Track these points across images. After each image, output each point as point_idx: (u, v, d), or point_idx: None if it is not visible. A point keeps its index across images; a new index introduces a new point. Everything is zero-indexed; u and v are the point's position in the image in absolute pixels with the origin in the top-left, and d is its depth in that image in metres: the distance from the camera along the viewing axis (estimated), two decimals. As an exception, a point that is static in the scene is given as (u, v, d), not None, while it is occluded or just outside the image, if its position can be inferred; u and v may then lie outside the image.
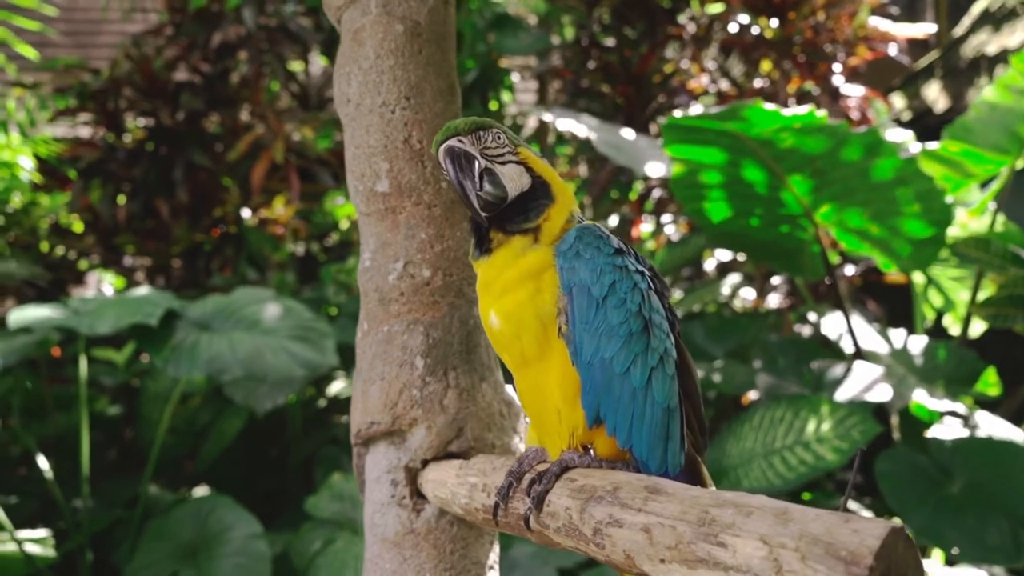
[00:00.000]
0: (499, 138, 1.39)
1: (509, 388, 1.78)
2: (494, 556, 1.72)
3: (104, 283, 7.12)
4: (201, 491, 4.81)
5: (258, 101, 6.26)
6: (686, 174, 4.09)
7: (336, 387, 5.45)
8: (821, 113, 3.65)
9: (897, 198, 4.05)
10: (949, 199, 4.06)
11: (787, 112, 3.64)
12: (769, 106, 3.63)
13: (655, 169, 4.46)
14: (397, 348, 1.67)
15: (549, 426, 1.38)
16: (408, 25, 1.71)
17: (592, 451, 1.34)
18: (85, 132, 6.66)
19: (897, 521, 4.05)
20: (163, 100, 6.14)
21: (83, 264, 6.62)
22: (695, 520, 1.05)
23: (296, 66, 7.11)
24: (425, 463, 1.66)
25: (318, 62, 7.59)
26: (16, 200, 5.91)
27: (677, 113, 4.31)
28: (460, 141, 1.37)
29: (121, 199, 6.30)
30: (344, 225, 6.92)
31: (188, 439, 4.83)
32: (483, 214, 1.35)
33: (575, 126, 4.72)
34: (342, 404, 5.50)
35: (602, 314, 1.32)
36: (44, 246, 6.47)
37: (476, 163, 1.36)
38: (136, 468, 4.91)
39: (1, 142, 5.54)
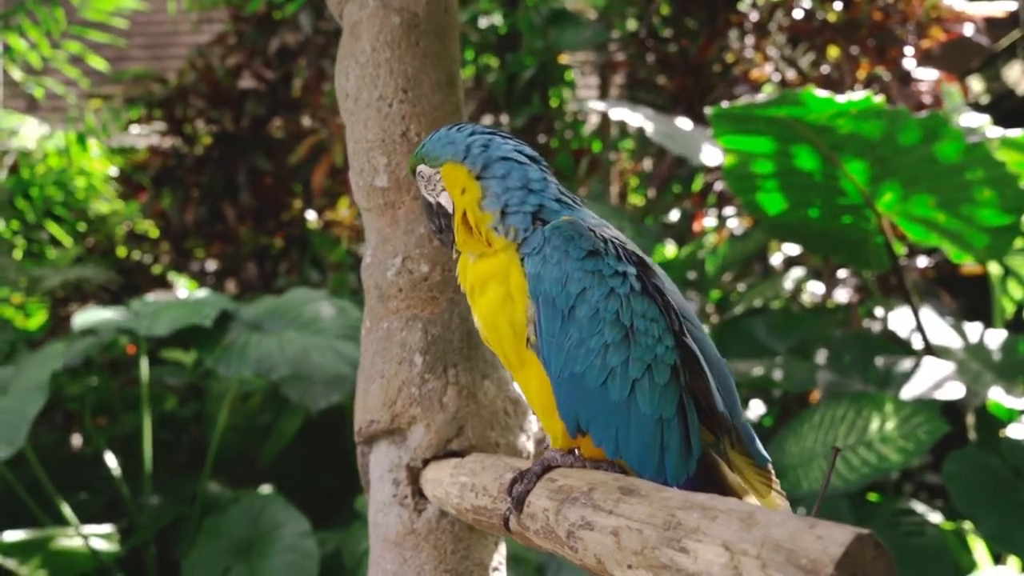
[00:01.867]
0: (423, 175, 1.38)
1: (516, 386, 1.73)
2: (499, 558, 1.67)
3: (179, 286, 7.34)
4: (265, 489, 4.90)
5: (318, 105, 6.35)
6: (738, 164, 3.97)
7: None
8: (879, 98, 3.49)
9: (966, 184, 3.84)
10: None
11: (841, 98, 3.49)
12: (821, 92, 3.49)
13: (711, 156, 4.34)
14: (396, 345, 1.64)
15: (545, 429, 1.33)
16: (405, 17, 1.68)
17: (577, 451, 1.28)
18: (156, 140, 6.86)
19: (967, 524, 3.86)
20: (228, 107, 6.29)
21: (157, 268, 6.83)
22: (661, 524, 0.98)
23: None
24: (426, 462, 1.63)
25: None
26: (103, 205, 6.13)
27: (707, 110, 4.19)
28: (416, 190, 1.44)
29: (190, 205, 6.48)
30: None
31: (249, 437, 4.92)
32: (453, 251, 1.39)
33: (629, 115, 4.63)
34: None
35: (570, 325, 1.22)
36: (121, 251, 6.71)
37: (431, 206, 1.39)
38: (201, 466, 5.03)
39: (81, 152, 5.77)
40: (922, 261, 5.51)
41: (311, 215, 6.52)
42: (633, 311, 1.23)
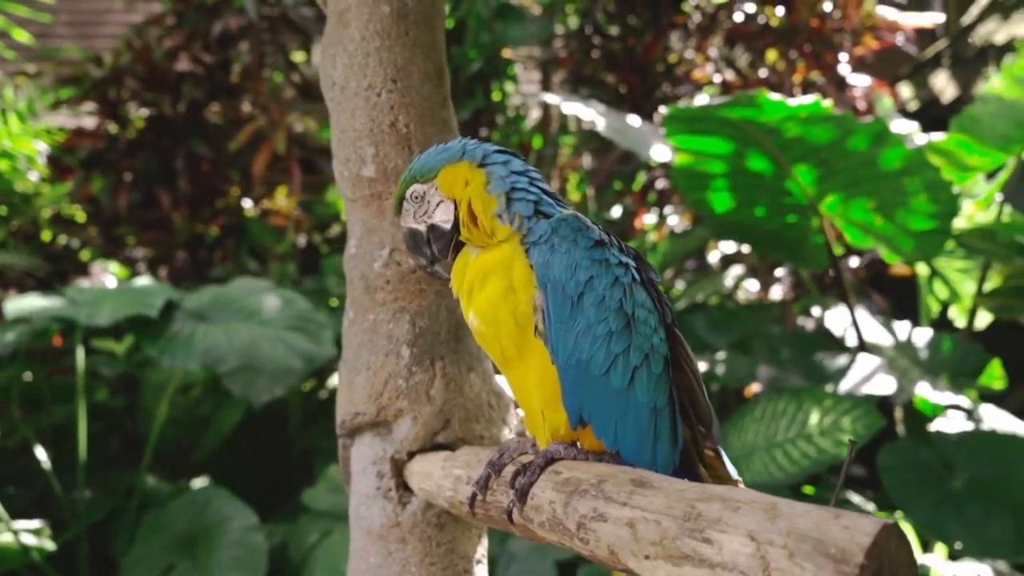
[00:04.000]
0: (415, 194, 1.40)
1: (499, 379, 1.74)
2: (482, 550, 1.68)
3: (106, 273, 7.11)
4: (200, 482, 4.79)
5: (260, 91, 6.22)
6: (689, 164, 4.04)
7: (337, 379, 5.41)
8: (827, 103, 3.59)
9: (903, 188, 3.98)
10: (956, 190, 4.00)
11: (793, 102, 3.59)
12: (774, 96, 3.57)
13: (661, 153, 4.41)
14: (383, 337, 1.63)
15: (536, 424, 1.34)
16: (395, 5, 1.66)
17: (578, 444, 1.30)
18: (87, 122, 6.63)
19: (898, 514, 4.02)
20: (165, 90, 6.11)
21: (85, 254, 6.60)
22: (680, 515, 1.01)
23: (298, 56, 7.07)
24: (411, 455, 1.63)
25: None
26: (29, 183, 5.87)
27: (681, 103, 4.28)
28: (402, 222, 1.43)
29: (122, 190, 6.28)
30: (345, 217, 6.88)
31: (188, 430, 4.81)
32: (446, 277, 1.41)
33: (581, 110, 4.67)
34: (343, 396, 5.46)
35: (578, 313, 1.25)
36: (46, 236, 6.46)
37: (418, 235, 1.42)
38: (136, 459, 4.89)
39: (2, 129, 5.51)
40: (854, 261, 5.70)
41: (248, 203, 6.39)
42: (635, 301, 1.28)
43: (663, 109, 3.79)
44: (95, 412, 5.07)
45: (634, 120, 4.84)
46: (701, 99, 4.79)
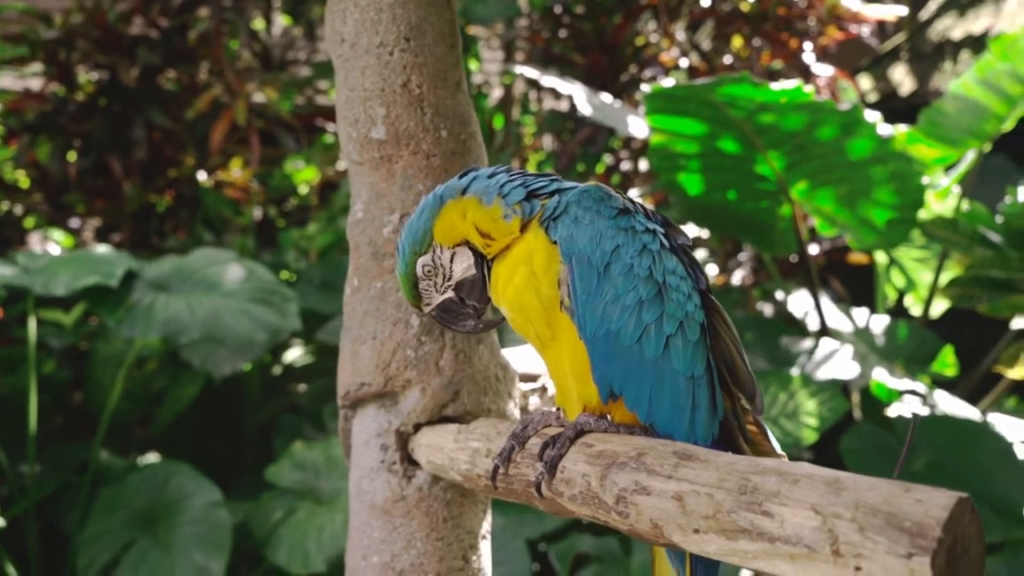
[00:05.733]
0: (426, 266, 1.36)
1: (505, 351, 1.70)
2: (487, 525, 1.64)
3: (50, 242, 6.87)
4: (152, 457, 4.65)
5: (218, 59, 6.03)
6: (665, 144, 4.04)
7: (292, 355, 5.31)
8: (809, 88, 3.61)
9: (872, 176, 4.04)
10: (925, 180, 4.07)
11: (776, 86, 3.60)
12: (756, 80, 3.58)
13: (639, 129, 4.39)
14: (391, 306, 1.57)
15: (568, 399, 1.31)
16: (409, -39, 1.59)
17: (610, 417, 1.27)
18: (33, 84, 6.36)
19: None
20: (118, 54, 5.88)
21: (29, 222, 6.36)
22: (735, 488, 0.98)
23: (258, 24, 6.89)
24: (417, 427, 1.58)
25: (280, 22, 7.36)
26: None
27: (645, 87, 4.26)
28: (426, 305, 1.39)
29: (71, 156, 6.05)
30: (303, 190, 6.75)
31: (141, 404, 4.66)
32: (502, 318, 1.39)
33: (560, 84, 4.64)
34: (298, 372, 5.37)
35: (605, 283, 1.23)
36: (-13, 201, 6.20)
37: (453, 307, 1.39)
38: (84, 433, 4.73)
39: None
40: (814, 248, 5.77)
41: (202, 175, 6.21)
42: (665, 267, 1.25)
43: (645, 87, 3.77)
44: (41, 385, 4.89)
45: (607, 97, 4.83)
46: (668, 82, 4.79)
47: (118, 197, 6.09)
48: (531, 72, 5.11)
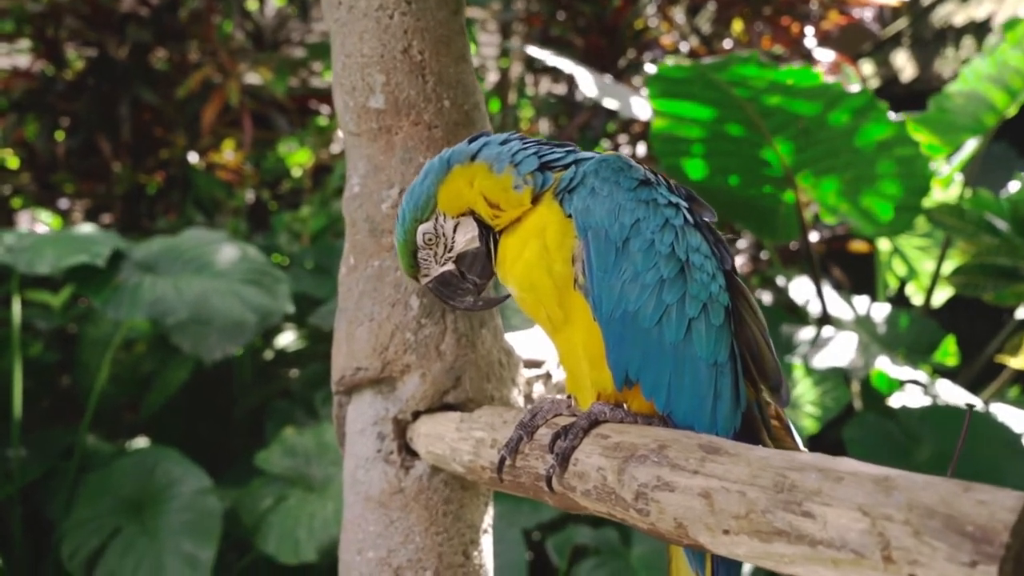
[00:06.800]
0: (427, 234, 1.27)
1: (508, 336, 1.61)
2: (488, 519, 1.56)
3: (38, 223, 6.75)
4: (140, 442, 4.56)
5: (209, 38, 5.90)
6: (668, 127, 3.94)
7: (285, 339, 5.22)
8: (818, 70, 3.52)
9: (879, 162, 3.95)
10: (933, 166, 3.99)
11: (783, 68, 3.50)
12: (763, 61, 3.48)
13: (642, 110, 4.30)
14: (389, 286, 1.48)
15: (580, 386, 1.21)
16: (411, -81, 1.49)
17: (625, 406, 1.18)
18: (20, 61, 6.22)
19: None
20: (108, 31, 5.75)
21: (16, 202, 6.24)
22: (770, 485, 0.89)
23: (251, 4, 6.76)
24: (416, 415, 1.48)
25: (273, 2, 7.23)
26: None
27: (650, 68, 4.17)
28: (423, 276, 1.30)
29: (60, 135, 5.93)
30: (297, 173, 6.64)
31: (130, 388, 4.56)
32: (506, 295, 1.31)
33: (565, 64, 4.55)
34: (290, 357, 5.28)
35: (623, 259, 1.13)
36: (-27, 181, 6.08)
37: (451, 280, 1.30)
38: (71, 417, 4.63)
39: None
40: (814, 236, 5.70)
41: (194, 157, 6.09)
42: (688, 244, 1.16)
43: (649, 68, 3.67)
44: (27, 368, 4.79)
45: (608, 79, 4.74)
46: (669, 63, 4.71)
47: (107, 178, 5.98)
48: (536, 51, 5.00)
